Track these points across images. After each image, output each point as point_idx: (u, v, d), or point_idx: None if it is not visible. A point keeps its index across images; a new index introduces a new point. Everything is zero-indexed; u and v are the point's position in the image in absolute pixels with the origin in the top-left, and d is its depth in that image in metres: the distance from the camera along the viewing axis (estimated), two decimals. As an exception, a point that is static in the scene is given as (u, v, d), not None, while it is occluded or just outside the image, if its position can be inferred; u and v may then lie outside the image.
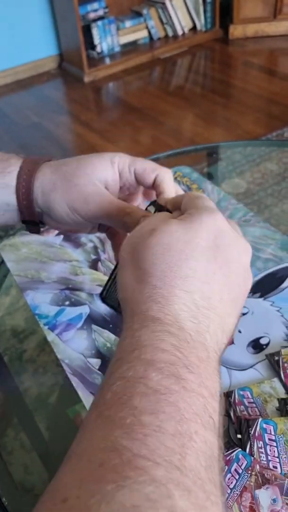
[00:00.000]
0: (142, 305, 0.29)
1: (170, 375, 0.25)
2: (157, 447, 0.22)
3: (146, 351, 0.26)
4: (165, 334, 0.27)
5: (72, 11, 2.69)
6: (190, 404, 0.25)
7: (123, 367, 0.26)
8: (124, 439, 0.23)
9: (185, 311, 0.28)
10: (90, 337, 0.56)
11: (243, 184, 1.06)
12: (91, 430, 0.25)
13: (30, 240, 0.71)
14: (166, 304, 0.28)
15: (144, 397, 0.24)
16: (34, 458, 0.54)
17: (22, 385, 0.60)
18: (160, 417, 0.23)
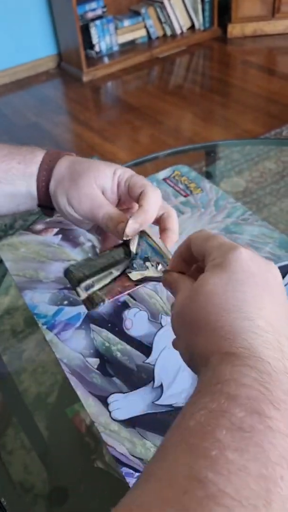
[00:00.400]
0: (211, 347, 0.29)
1: (254, 413, 0.24)
2: (242, 487, 0.22)
3: (229, 385, 0.26)
4: (245, 368, 0.26)
5: (70, 11, 2.68)
6: (276, 445, 0.23)
7: (206, 398, 0.26)
8: (209, 471, 0.22)
9: (256, 339, 0.28)
10: (88, 336, 0.56)
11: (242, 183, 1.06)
12: (173, 453, 0.24)
13: (28, 239, 0.71)
14: (234, 338, 0.28)
15: (229, 433, 0.23)
16: (34, 458, 0.54)
17: (21, 385, 0.60)
18: (245, 456, 0.23)
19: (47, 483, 0.50)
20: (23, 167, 0.48)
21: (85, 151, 2.27)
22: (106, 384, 0.52)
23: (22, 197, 0.49)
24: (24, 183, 0.48)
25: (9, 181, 0.48)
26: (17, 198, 0.49)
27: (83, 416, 0.50)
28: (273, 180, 1.14)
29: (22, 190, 0.49)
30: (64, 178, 0.47)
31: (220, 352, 0.28)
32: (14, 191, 0.49)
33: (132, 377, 0.52)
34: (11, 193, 0.49)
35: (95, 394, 0.51)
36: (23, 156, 0.48)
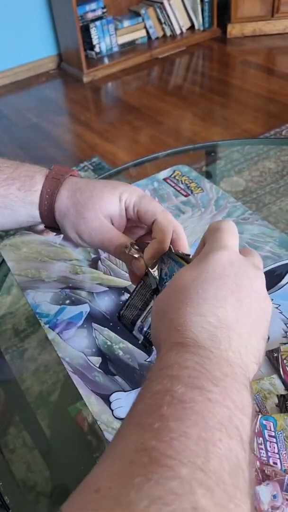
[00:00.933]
0: (164, 336, 0.32)
1: (194, 388, 0.27)
2: (183, 449, 0.24)
3: (172, 369, 0.29)
4: (188, 354, 0.29)
5: (70, 12, 2.69)
6: (214, 413, 0.26)
7: (152, 384, 0.28)
8: (152, 440, 0.25)
9: (203, 332, 0.30)
10: (90, 335, 0.57)
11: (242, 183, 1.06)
12: (123, 435, 0.27)
13: (30, 239, 0.71)
14: (184, 330, 0.31)
15: (171, 406, 0.26)
16: (36, 456, 0.54)
17: (23, 384, 0.60)
18: (186, 423, 0.25)
19: (49, 481, 0.50)
20: (23, 194, 0.47)
21: (85, 151, 2.27)
22: (108, 382, 0.52)
23: (23, 220, 0.49)
24: (25, 210, 0.48)
25: (8, 206, 0.47)
26: (18, 220, 0.49)
27: (85, 414, 0.51)
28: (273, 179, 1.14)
29: (23, 214, 0.48)
30: (69, 212, 0.46)
31: (169, 341, 0.31)
32: (14, 215, 0.48)
33: (134, 375, 0.52)
34: (11, 216, 0.48)
35: (97, 393, 0.51)
36: (22, 182, 0.47)
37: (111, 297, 0.61)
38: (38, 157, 2.22)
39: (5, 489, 0.47)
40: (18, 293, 0.66)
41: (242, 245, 0.65)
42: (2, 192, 0.47)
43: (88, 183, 0.48)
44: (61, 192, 0.47)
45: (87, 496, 0.24)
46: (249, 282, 0.34)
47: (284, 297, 0.57)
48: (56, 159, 2.22)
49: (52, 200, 0.46)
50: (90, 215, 0.45)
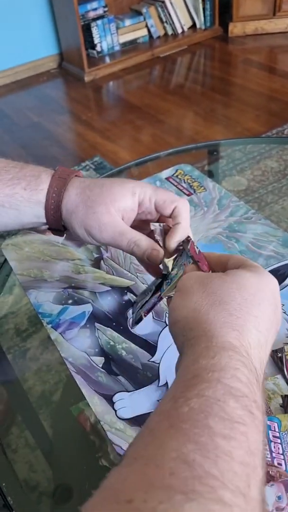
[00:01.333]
0: (219, 328, 0.31)
1: (244, 407, 0.27)
2: (227, 470, 0.23)
3: (226, 376, 0.28)
4: (241, 365, 0.29)
5: (71, 10, 2.68)
6: (256, 439, 0.26)
7: (202, 385, 0.27)
8: (197, 454, 0.23)
9: (255, 349, 0.31)
10: (93, 335, 0.57)
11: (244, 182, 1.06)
12: (162, 438, 0.25)
13: (32, 239, 0.71)
14: (242, 334, 0.31)
15: (220, 421, 0.25)
16: (39, 456, 0.54)
17: (26, 383, 0.60)
18: (232, 443, 0.25)
19: (52, 481, 0.50)
20: (29, 194, 0.46)
21: (87, 150, 2.27)
22: (111, 382, 0.52)
23: (28, 220, 0.48)
24: (30, 209, 0.47)
25: (14, 206, 0.47)
26: (23, 221, 0.48)
27: (87, 414, 0.51)
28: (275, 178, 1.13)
29: (28, 213, 0.48)
30: (78, 208, 0.45)
31: (225, 337, 0.30)
32: (19, 215, 0.48)
33: (137, 375, 0.52)
34: (16, 217, 0.48)
35: (100, 393, 0.51)
36: (28, 182, 0.47)
37: (114, 297, 0.61)
38: (40, 157, 2.22)
39: (8, 490, 0.47)
40: (20, 292, 0.66)
41: (246, 245, 0.65)
42: (7, 191, 0.46)
43: (96, 180, 0.47)
44: (68, 190, 0.46)
45: (117, 506, 0.22)
46: (279, 311, 0.35)
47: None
48: (58, 158, 2.22)
49: (59, 199, 0.46)
50: (101, 209, 0.44)
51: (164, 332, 0.56)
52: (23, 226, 0.49)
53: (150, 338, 0.56)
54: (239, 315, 0.31)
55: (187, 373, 0.29)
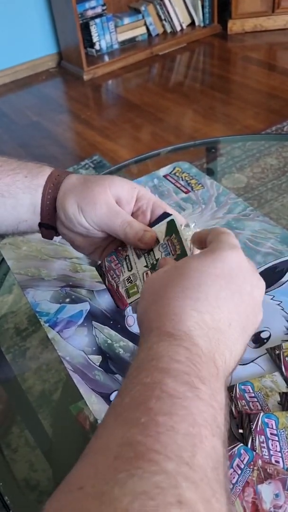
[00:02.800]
0: (156, 322, 0.32)
1: (185, 383, 0.27)
2: (169, 444, 0.24)
3: (162, 361, 0.29)
4: (180, 348, 0.29)
5: (70, 9, 2.68)
6: (202, 411, 0.27)
7: (141, 374, 0.28)
8: (139, 435, 0.25)
9: (197, 329, 0.31)
10: (90, 333, 0.56)
11: (243, 179, 1.06)
12: (108, 429, 0.27)
13: (30, 238, 0.71)
14: (179, 321, 0.31)
15: (160, 400, 0.26)
16: (39, 455, 0.54)
17: (25, 383, 0.60)
18: (174, 418, 0.25)
19: (52, 481, 0.50)
20: (29, 179, 0.47)
21: (86, 149, 2.27)
22: (108, 381, 0.52)
23: (24, 212, 0.48)
24: (28, 196, 0.47)
25: (12, 194, 0.47)
26: (19, 213, 0.48)
27: (87, 413, 0.51)
28: (275, 175, 1.13)
29: (25, 203, 0.48)
30: (76, 187, 0.46)
31: (161, 329, 0.31)
32: (16, 205, 0.48)
33: (135, 373, 0.52)
34: (13, 207, 0.48)
35: (98, 391, 0.51)
36: (29, 170, 0.48)
37: (112, 295, 0.61)
38: (39, 155, 2.22)
39: (5, 490, 0.47)
40: (19, 292, 0.66)
41: (244, 242, 0.65)
42: (8, 181, 0.47)
43: (99, 175, 0.49)
44: (70, 177, 0.48)
45: (70, 494, 0.24)
46: (250, 289, 0.34)
47: (286, 293, 0.56)
48: (57, 157, 2.22)
49: (58, 184, 0.47)
50: (99, 189, 0.45)
51: (162, 330, 0.56)
52: (18, 224, 0.49)
53: (148, 336, 0.56)
54: (175, 303, 0.32)
55: (130, 368, 0.30)
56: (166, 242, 0.43)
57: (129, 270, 0.46)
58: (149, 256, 0.44)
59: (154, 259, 0.44)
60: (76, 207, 0.45)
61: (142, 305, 0.35)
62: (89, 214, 0.45)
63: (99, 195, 0.44)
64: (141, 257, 0.45)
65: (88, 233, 0.47)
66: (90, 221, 0.45)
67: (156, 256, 0.43)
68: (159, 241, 0.44)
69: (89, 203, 0.44)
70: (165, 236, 0.43)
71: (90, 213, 0.45)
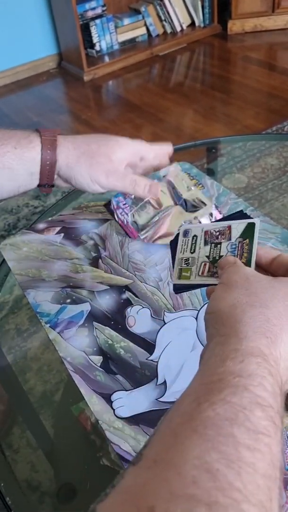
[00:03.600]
0: (252, 333, 0.30)
1: (269, 418, 0.26)
2: (250, 483, 0.23)
3: (252, 383, 0.27)
4: (268, 373, 0.28)
5: (70, 10, 2.68)
6: (278, 451, 0.25)
7: (228, 390, 0.26)
8: (220, 464, 0.23)
9: (285, 360, 0.30)
10: (91, 334, 0.56)
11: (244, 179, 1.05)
12: (184, 442, 0.25)
13: (30, 239, 0.71)
14: (274, 342, 0.30)
15: (245, 431, 0.25)
16: (40, 456, 0.54)
17: (27, 384, 0.60)
18: (256, 455, 0.24)
19: (53, 481, 0.50)
20: (20, 152, 0.49)
21: (87, 150, 2.27)
22: (109, 381, 0.52)
23: (22, 180, 0.51)
24: (24, 167, 0.50)
25: (6, 165, 0.49)
26: (17, 181, 0.51)
27: (88, 414, 0.51)
28: (275, 175, 1.13)
29: (22, 173, 0.50)
30: (80, 160, 0.51)
31: (255, 342, 0.29)
32: (13, 175, 0.50)
33: (136, 374, 0.52)
34: (10, 177, 0.50)
35: (98, 392, 0.51)
36: (17, 141, 0.50)
37: (112, 296, 0.61)
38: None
39: (6, 491, 0.47)
40: (20, 292, 0.66)
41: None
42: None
43: (87, 139, 0.54)
44: (63, 144, 0.51)
45: None
46: None
47: (287, 293, 0.56)
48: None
49: (55, 155, 0.50)
50: (103, 159, 0.53)
51: (162, 330, 0.56)
52: (18, 188, 0.52)
53: (148, 336, 0.56)
54: (276, 323, 0.30)
55: (212, 374, 0.28)
56: (237, 243, 0.42)
57: (191, 252, 0.45)
58: (215, 248, 0.43)
59: (218, 254, 0.43)
60: (89, 179, 0.52)
61: (232, 297, 0.33)
62: (103, 183, 0.52)
63: (107, 165, 0.52)
64: (207, 246, 0.44)
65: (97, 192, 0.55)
66: (104, 187, 0.53)
67: (221, 252, 0.43)
68: (230, 238, 0.43)
69: (101, 175, 0.52)
70: (239, 237, 0.42)
71: (104, 182, 0.52)
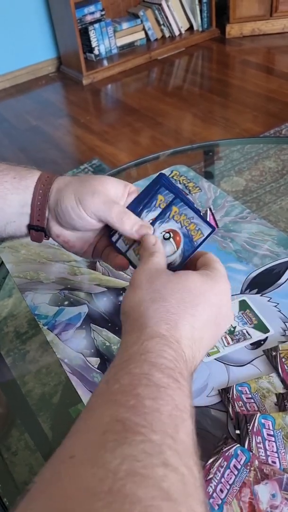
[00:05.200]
0: (153, 322, 0.35)
1: (169, 376, 0.31)
2: (155, 421, 0.27)
3: (151, 356, 0.32)
4: (168, 348, 0.33)
5: (69, 15, 2.69)
6: (183, 400, 0.30)
7: (131, 365, 0.31)
8: (127, 413, 0.27)
9: (186, 339, 0.35)
10: (89, 336, 0.57)
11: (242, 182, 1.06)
12: (96, 410, 0.29)
13: (29, 241, 0.71)
14: (174, 327, 0.35)
15: (147, 387, 0.29)
16: (39, 458, 0.54)
17: (25, 386, 0.60)
18: (159, 402, 0.29)
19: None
20: (18, 180, 0.48)
21: (85, 153, 2.27)
22: (107, 383, 0.52)
23: (12, 213, 0.48)
24: (16, 196, 0.48)
25: (0, 195, 0.47)
26: (7, 214, 0.48)
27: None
28: (273, 178, 1.14)
29: (13, 204, 0.48)
30: (71, 183, 0.48)
31: (155, 329, 0.34)
32: (4, 205, 0.48)
33: (133, 375, 0.52)
34: (0, 208, 0.48)
35: (96, 393, 0.51)
36: (18, 172, 0.49)
37: (110, 298, 0.61)
38: (39, 160, 2.23)
39: (4, 492, 0.47)
40: (19, 295, 0.67)
41: (241, 244, 0.65)
42: None
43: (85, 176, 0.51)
44: (61, 177, 0.49)
45: (62, 463, 0.26)
46: (228, 321, 0.40)
47: (283, 295, 0.57)
48: (56, 161, 2.23)
49: (50, 183, 0.48)
50: (95, 182, 0.47)
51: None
52: (5, 225, 0.49)
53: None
54: (175, 311, 0.35)
55: (119, 358, 0.33)
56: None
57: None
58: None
59: None
60: (74, 199, 0.46)
61: (138, 296, 0.37)
62: (88, 204, 0.46)
63: (97, 187, 0.47)
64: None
65: (83, 226, 0.47)
66: (88, 211, 0.46)
67: None
68: None
69: (88, 193, 0.46)
70: None
71: (89, 202, 0.46)
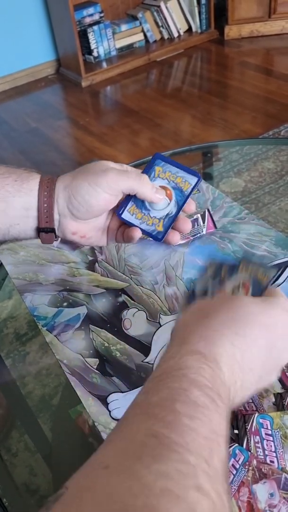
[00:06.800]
0: (193, 339, 0.34)
1: (207, 395, 0.30)
2: (192, 441, 0.27)
3: (190, 372, 0.31)
4: (206, 366, 0.32)
5: (68, 17, 2.70)
6: (219, 423, 0.29)
7: (169, 379, 0.31)
8: (164, 429, 0.27)
9: (224, 358, 0.33)
10: (88, 337, 0.57)
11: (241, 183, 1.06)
12: (133, 422, 0.29)
13: (27, 243, 0.71)
14: (213, 346, 0.33)
15: (185, 405, 0.28)
16: (38, 460, 0.54)
17: (25, 387, 0.60)
18: (196, 422, 0.28)
19: (52, 484, 0.51)
20: (19, 183, 0.47)
21: (85, 155, 2.28)
22: (105, 383, 0.52)
23: (15, 216, 0.47)
24: (20, 200, 0.47)
25: (2, 198, 0.46)
26: (10, 217, 0.47)
27: (86, 417, 0.51)
28: (272, 179, 1.14)
29: (16, 206, 0.47)
30: (76, 176, 0.47)
31: (195, 346, 0.33)
32: (6, 208, 0.47)
33: (131, 376, 0.52)
34: (2, 210, 0.47)
35: (95, 394, 0.51)
36: (19, 175, 0.48)
37: (108, 299, 0.61)
38: (38, 161, 2.23)
39: (3, 492, 0.47)
40: (19, 297, 0.67)
41: (239, 245, 0.66)
42: None
43: None
44: (62, 176, 0.48)
45: (95, 473, 0.25)
46: (283, 349, 0.37)
47: (281, 295, 0.57)
48: (56, 163, 2.23)
49: (53, 183, 0.47)
50: (99, 165, 0.47)
51: (158, 333, 0.56)
52: (8, 228, 0.48)
53: (144, 339, 0.56)
54: (217, 329, 0.34)
55: (157, 371, 0.32)
56: None
57: None
58: None
59: None
60: (87, 186, 0.46)
61: (186, 319, 0.37)
62: (102, 181, 0.46)
63: (101, 167, 0.47)
64: None
65: (100, 208, 0.48)
66: (105, 187, 0.46)
67: None
68: None
69: (97, 174, 0.46)
70: None
71: (103, 179, 0.46)
